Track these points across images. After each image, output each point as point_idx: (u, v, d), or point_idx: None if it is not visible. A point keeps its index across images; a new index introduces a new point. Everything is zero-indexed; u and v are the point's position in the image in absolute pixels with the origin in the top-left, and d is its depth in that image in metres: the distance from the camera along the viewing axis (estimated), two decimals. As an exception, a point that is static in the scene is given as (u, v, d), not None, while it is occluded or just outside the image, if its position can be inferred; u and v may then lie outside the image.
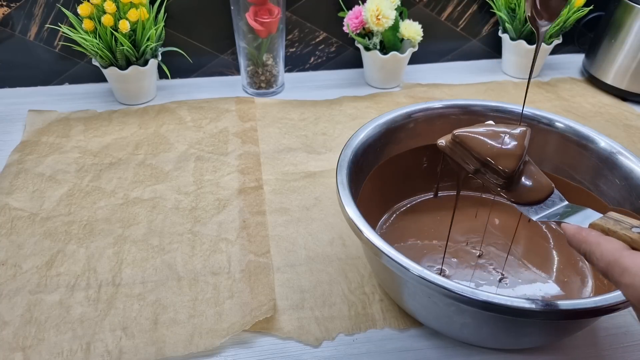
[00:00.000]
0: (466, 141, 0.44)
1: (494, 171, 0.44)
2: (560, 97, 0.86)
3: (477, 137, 0.44)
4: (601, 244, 0.32)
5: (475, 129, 0.45)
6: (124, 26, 0.71)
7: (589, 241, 0.33)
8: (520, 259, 0.54)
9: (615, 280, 0.31)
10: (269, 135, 0.74)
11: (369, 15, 0.77)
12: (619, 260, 0.30)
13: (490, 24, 0.93)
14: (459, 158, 0.46)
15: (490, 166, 0.44)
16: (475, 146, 0.44)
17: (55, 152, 0.69)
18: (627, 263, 0.30)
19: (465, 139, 0.44)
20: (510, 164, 0.43)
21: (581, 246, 0.34)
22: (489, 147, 0.44)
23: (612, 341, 0.48)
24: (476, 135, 0.45)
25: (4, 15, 0.78)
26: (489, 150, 0.44)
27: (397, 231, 0.56)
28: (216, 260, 0.55)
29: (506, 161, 0.43)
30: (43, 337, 0.47)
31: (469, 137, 0.44)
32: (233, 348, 0.47)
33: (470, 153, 0.45)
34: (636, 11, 0.80)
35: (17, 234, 0.57)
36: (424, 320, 0.48)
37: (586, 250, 0.33)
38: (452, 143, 0.46)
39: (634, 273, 0.29)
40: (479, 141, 0.44)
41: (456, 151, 0.46)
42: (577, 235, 0.34)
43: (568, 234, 0.35)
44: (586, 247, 0.33)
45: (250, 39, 0.77)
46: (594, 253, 0.32)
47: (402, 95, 0.84)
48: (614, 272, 0.31)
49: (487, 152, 0.44)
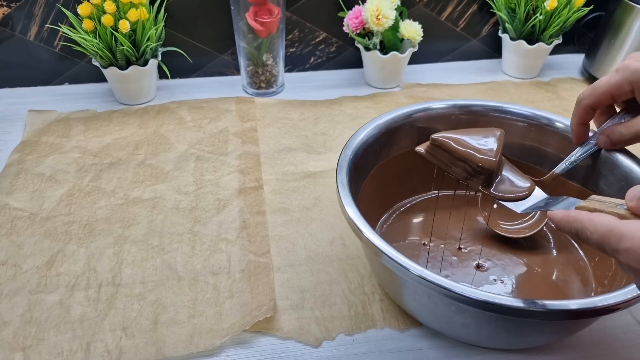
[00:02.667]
0: (444, 144, 0.48)
1: (474, 170, 0.47)
2: (560, 97, 0.86)
3: (454, 138, 0.48)
4: (593, 219, 0.32)
5: (452, 133, 0.48)
6: (124, 26, 0.71)
7: (580, 218, 0.33)
8: (521, 258, 0.54)
9: (613, 248, 0.31)
10: (269, 135, 0.74)
11: (369, 15, 0.77)
12: (614, 230, 0.31)
13: (490, 24, 0.93)
14: (439, 161, 0.49)
15: (470, 165, 0.47)
16: (453, 148, 0.47)
17: (55, 152, 0.69)
18: (623, 230, 0.30)
19: (443, 141, 0.48)
20: (488, 161, 0.46)
21: (572, 225, 0.34)
22: (467, 147, 0.47)
23: (612, 341, 0.48)
24: (453, 137, 0.48)
25: (4, 15, 0.78)
26: (466, 150, 0.47)
27: (397, 230, 0.56)
28: (216, 260, 0.55)
29: (484, 159, 0.47)
30: (43, 337, 0.47)
31: (447, 139, 0.48)
32: (233, 348, 0.47)
33: (450, 155, 0.48)
34: (636, 11, 0.80)
35: (17, 234, 0.57)
36: (424, 320, 0.48)
37: (578, 228, 0.33)
38: (431, 147, 0.49)
39: (631, 237, 0.30)
40: (457, 143, 0.47)
41: (436, 155, 0.49)
42: (565, 217, 0.35)
43: (556, 218, 0.35)
44: (577, 225, 0.33)
45: (250, 39, 0.77)
46: (587, 228, 0.32)
47: (402, 95, 0.84)
48: (611, 241, 0.31)
49: (465, 152, 0.47)
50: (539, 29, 0.85)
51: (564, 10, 0.83)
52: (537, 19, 0.83)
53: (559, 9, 0.83)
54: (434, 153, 0.49)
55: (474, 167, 0.47)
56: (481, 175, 0.48)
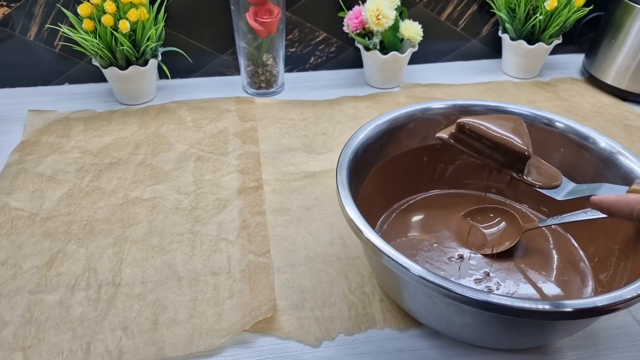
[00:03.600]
0: (477, 129, 0.44)
1: (509, 157, 0.44)
2: (560, 97, 0.86)
3: (484, 123, 0.44)
4: None
5: (477, 118, 0.45)
6: (124, 26, 0.71)
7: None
8: (521, 258, 0.54)
9: None
10: (269, 135, 0.74)
11: (369, 15, 0.77)
12: None
13: (490, 24, 0.93)
14: (466, 148, 0.45)
15: (506, 152, 0.43)
16: (488, 134, 0.44)
17: (55, 152, 0.69)
18: None
19: (476, 126, 0.44)
20: (526, 149, 0.43)
21: (635, 207, 0.34)
22: (500, 131, 0.44)
23: (612, 341, 0.48)
24: (483, 121, 0.44)
25: (4, 15, 0.78)
26: (503, 136, 0.43)
27: (396, 229, 0.56)
28: (216, 260, 0.55)
29: (521, 147, 0.43)
30: (43, 337, 0.47)
31: (477, 124, 0.44)
32: (233, 348, 0.47)
33: (482, 141, 0.44)
34: (636, 11, 0.80)
35: (17, 234, 0.57)
36: (424, 320, 0.48)
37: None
38: (457, 132, 0.45)
39: None
40: (488, 127, 0.44)
41: (462, 142, 0.45)
42: (623, 200, 0.35)
43: (610, 201, 0.35)
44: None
45: (250, 39, 0.77)
46: None
47: (402, 95, 0.84)
48: None
49: (502, 137, 0.43)
50: (539, 29, 0.85)
51: (564, 10, 0.83)
52: (537, 19, 0.83)
53: (559, 9, 0.83)
54: (460, 139, 0.45)
55: (510, 154, 0.44)
56: (515, 163, 0.44)
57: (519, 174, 0.44)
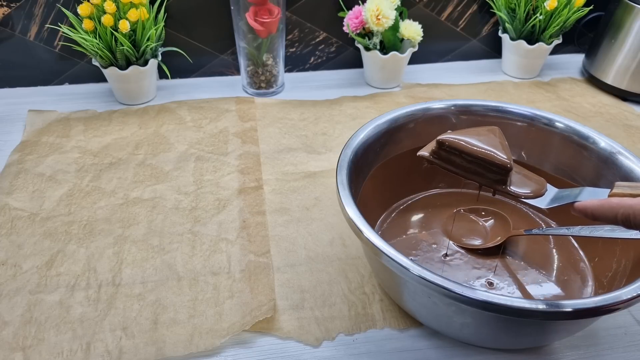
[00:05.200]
0: (457, 145, 0.45)
1: (491, 170, 0.44)
2: (560, 97, 0.86)
3: (464, 138, 0.45)
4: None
5: (456, 134, 0.45)
6: (124, 26, 0.71)
7: (628, 204, 0.33)
8: (521, 258, 0.54)
9: None
10: (269, 135, 0.74)
11: (369, 15, 0.77)
12: None
13: (490, 24, 0.93)
14: (448, 164, 0.46)
15: (487, 165, 0.44)
16: (468, 149, 0.44)
17: (55, 152, 0.69)
18: None
19: (456, 142, 0.45)
20: (507, 161, 0.44)
21: (618, 212, 0.34)
22: (480, 145, 0.44)
23: (612, 341, 0.48)
24: (462, 137, 0.45)
25: (4, 15, 0.78)
26: (483, 150, 0.44)
27: (396, 229, 0.56)
28: (216, 260, 0.55)
29: (503, 159, 0.44)
30: (43, 337, 0.47)
31: (456, 140, 0.45)
32: (233, 348, 0.47)
33: (463, 157, 0.45)
34: (636, 11, 0.80)
35: (17, 234, 0.57)
36: (424, 320, 0.48)
37: (629, 213, 0.33)
38: (437, 149, 0.46)
39: None
40: (469, 143, 0.45)
41: (444, 158, 0.46)
42: (606, 205, 0.34)
43: (593, 207, 0.35)
44: (626, 211, 0.33)
45: (250, 39, 0.77)
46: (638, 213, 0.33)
47: (402, 95, 0.84)
48: None
49: (482, 152, 0.44)
50: (539, 29, 0.85)
51: (564, 10, 0.83)
52: (537, 19, 0.83)
53: (559, 9, 0.83)
54: (441, 156, 0.46)
55: (491, 168, 0.44)
56: (497, 176, 0.45)
57: (502, 186, 0.45)
